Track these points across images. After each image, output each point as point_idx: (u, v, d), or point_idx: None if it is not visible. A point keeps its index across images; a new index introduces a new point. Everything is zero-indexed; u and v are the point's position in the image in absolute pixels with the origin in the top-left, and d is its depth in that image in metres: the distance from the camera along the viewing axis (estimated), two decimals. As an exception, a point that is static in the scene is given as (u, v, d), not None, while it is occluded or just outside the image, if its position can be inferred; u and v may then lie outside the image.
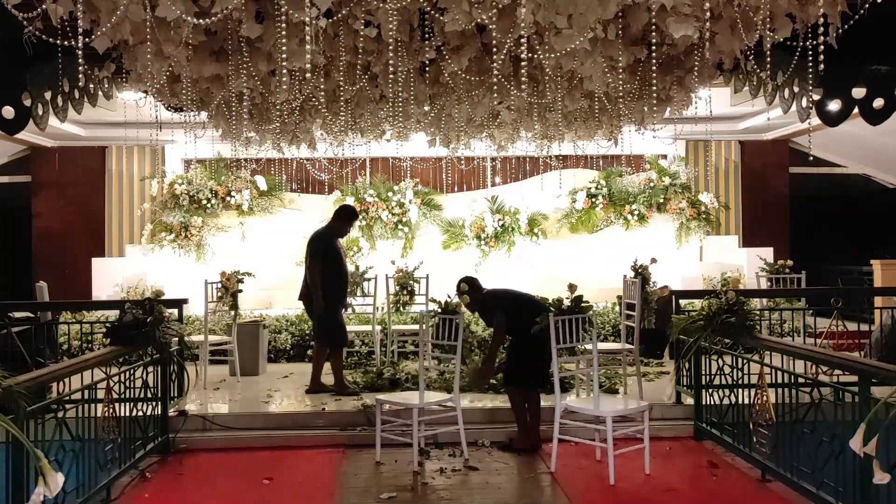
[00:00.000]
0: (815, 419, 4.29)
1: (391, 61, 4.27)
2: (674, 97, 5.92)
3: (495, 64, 3.99)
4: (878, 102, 5.29)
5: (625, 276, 7.29)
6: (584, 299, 5.40)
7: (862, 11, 3.85)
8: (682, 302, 6.61)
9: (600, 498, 4.64)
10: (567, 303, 5.39)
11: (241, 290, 7.76)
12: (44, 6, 3.62)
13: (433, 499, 4.63)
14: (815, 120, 5.26)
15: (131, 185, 11.95)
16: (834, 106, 5.39)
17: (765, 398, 4.85)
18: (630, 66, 5.21)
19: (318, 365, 6.96)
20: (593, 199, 11.54)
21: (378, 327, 8.34)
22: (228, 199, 11.25)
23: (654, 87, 5.51)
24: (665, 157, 11.94)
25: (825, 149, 11.91)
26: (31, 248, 11.80)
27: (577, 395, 6.55)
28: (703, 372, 5.87)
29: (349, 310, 8.04)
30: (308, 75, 4.03)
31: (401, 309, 8.62)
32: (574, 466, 5.23)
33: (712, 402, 5.68)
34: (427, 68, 5.27)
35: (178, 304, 6.29)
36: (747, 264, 11.10)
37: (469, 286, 5.71)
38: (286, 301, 10.45)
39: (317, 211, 11.63)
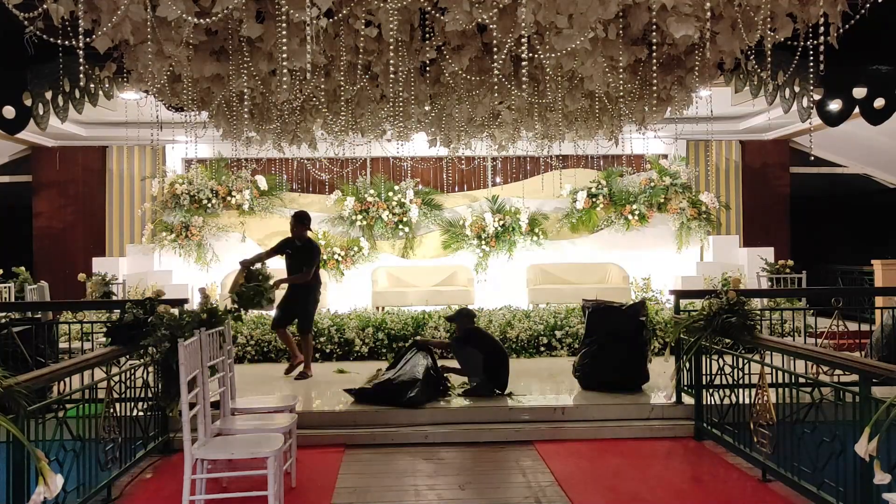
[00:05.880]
0: (815, 419, 4.29)
1: (392, 61, 4.26)
2: (674, 97, 5.92)
3: (496, 64, 3.99)
4: (879, 102, 5.29)
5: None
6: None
7: (862, 11, 3.85)
8: (683, 302, 6.61)
9: (600, 498, 4.64)
10: None
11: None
12: (45, 6, 3.62)
13: (433, 498, 4.63)
14: (816, 120, 5.26)
15: (132, 185, 11.95)
16: (834, 106, 5.39)
17: (765, 398, 4.85)
18: (631, 66, 5.21)
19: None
20: (594, 199, 11.55)
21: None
22: (229, 198, 11.26)
23: (655, 87, 5.50)
24: (666, 156, 11.94)
25: (825, 149, 11.92)
26: (31, 248, 11.81)
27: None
28: (704, 372, 5.87)
29: None
30: (308, 75, 4.03)
31: None
32: (574, 466, 5.23)
33: (713, 402, 5.68)
34: (427, 68, 5.27)
35: (179, 304, 6.28)
36: (748, 264, 11.11)
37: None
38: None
39: (317, 210, 11.64)
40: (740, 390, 5.35)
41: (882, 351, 6.95)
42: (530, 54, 3.81)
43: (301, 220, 7.57)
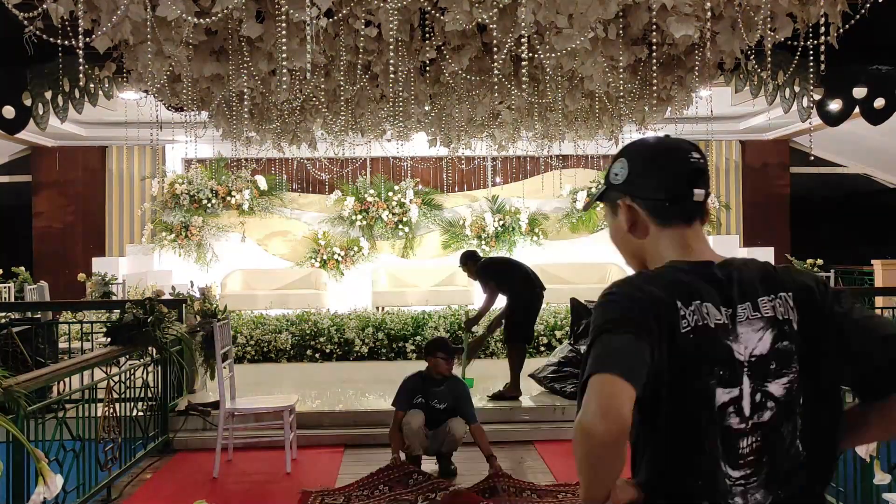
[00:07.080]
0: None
1: (392, 61, 4.26)
2: (674, 97, 5.92)
3: (496, 64, 3.99)
4: (879, 102, 5.29)
5: None
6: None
7: (863, 11, 3.85)
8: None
9: (601, 498, 4.63)
10: None
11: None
12: (44, 6, 3.61)
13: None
14: (816, 120, 5.26)
15: (131, 185, 11.95)
16: (835, 106, 5.38)
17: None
18: (631, 66, 5.21)
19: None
20: (594, 199, 11.55)
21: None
22: (229, 198, 11.26)
23: (655, 87, 5.50)
24: (666, 156, 11.94)
25: (826, 149, 11.92)
26: (31, 248, 11.81)
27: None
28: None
29: None
30: (308, 75, 4.03)
31: None
32: (571, 464, 5.22)
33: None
34: (427, 68, 5.27)
35: (178, 304, 6.29)
36: (748, 264, 11.10)
37: (468, 259, 6.81)
38: (286, 300, 10.46)
39: (317, 210, 11.65)
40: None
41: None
42: (530, 54, 3.80)
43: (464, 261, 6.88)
